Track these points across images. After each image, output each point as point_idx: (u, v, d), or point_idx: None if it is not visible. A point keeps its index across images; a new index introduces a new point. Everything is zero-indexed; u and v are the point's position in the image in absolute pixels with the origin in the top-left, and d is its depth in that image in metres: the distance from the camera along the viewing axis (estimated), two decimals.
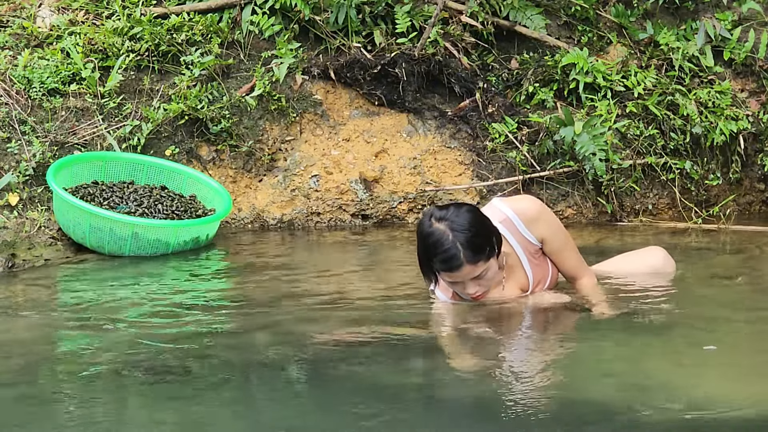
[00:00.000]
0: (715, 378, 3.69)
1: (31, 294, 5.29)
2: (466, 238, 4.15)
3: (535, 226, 4.40)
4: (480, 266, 4.20)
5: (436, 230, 4.18)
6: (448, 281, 4.28)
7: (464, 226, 4.16)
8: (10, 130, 6.51)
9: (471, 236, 4.15)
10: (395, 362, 3.96)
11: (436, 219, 4.20)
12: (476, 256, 4.16)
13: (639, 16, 7.32)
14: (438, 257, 4.18)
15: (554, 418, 3.31)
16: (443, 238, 4.15)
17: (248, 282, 5.50)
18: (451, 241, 4.14)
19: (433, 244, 4.18)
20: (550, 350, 4.15)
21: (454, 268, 4.18)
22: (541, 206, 4.46)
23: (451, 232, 4.15)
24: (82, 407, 3.53)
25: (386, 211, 6.77)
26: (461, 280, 4.24)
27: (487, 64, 7.11)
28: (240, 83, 6.95)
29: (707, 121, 6.84)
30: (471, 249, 4.15)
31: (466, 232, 4.16)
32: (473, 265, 4.18)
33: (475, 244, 4.16)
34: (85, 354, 4.20)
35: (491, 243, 4.21)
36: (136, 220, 6.04)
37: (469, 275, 4.21)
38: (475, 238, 4.16)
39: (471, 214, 4.21)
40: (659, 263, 4.84)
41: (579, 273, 4.53)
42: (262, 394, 3.64)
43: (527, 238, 4.39)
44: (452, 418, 3.35)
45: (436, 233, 4.18)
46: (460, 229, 4.16)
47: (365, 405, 3.48)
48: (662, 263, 4.85)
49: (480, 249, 4.17)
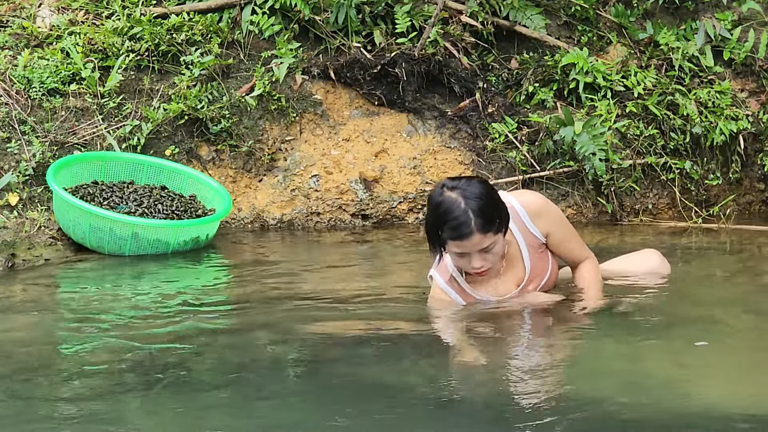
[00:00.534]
0: (714, 377, 3.69)
1: (31, 294, 5.29)
2: (479, 206, 4.11)
3: (539, 220, 4.40)
4: (489, 238, 4.15)
5: (448, 198, 4.14)
6: (454, 252, 4.21)
7: (477, 195, 4.13)
8: (10, 130, 6.51)
9: (483, 205, 4.12)
10: (395, 362, 3.96)
11: (448, 188, 4.16)
12: (487, 226, 4.12)
13: (639, 16, 7.33)
14: (448, 224, 4.12)
15: (554, 418, 3.31)
16: (455, 206, 4.11)
17: (248, 282, 5.50)
18: (462, 208, 4.10)
19: (444, 212, 4.13)
20: (548, 350, 4.15)
21: (464, 236, 4.12)
22: (546, 200, 4.47)
23: (464, 200, 4.11)
24: (82, 407, 3.53)
25: (386, 211, 6.77)
26: (468, 251, 4.17)
27: (487, 64, 7.11)
28: (240, 83, 6.95)
29: (707, 121, 6.84)
30: (482, 218, 4.11)
31: (478, 200, 4.12)
32: (483, 235, 4.13)
33: (486, 214, 4.12)
34: (84, 354, 4.21)
35: (501, 217, 4.19)
36: (136, 220, 6.05)
37: (477, 246, 4.16)
38: (486, 208, 4.12)
39: (483, 185, 4.20)
40: (655, 266, 4.82)
41: (581, 258, 4.54)
42: (261, 394, 3.64)
43: (531, 232, 4.39)
44: (452, 418, 3.35)
45: (447, 201, 4.13)
46: (473, 197, 4.12)
47: (365, 405, 3.48)
48: (658, 266, 4.83)
49: (491, 220, 4.14)
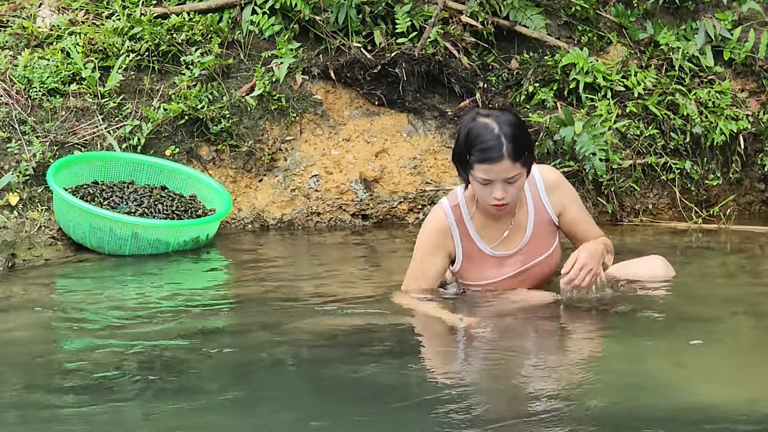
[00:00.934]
0: (715, 378, 3.69)
1: (31, 294, 5.29)
2: (512, 133, 4.15)
3: (554, 195, 4.39)
4: (516, 168, 4.17)
5: (482, 123, 4.18)
6: (480, 179, 4.20)
7: (510, 123, 4.19)
8: (10, 130, 6.51)
9: (516, 133, 4.16)
10: (395, 362, 3.96)
11: (482, 115, 4.21)
12: (517, 153, 4.15)
13: (639, 16, 7.32)
14: (479, 146, 4.14)
15: (553, 418, 3.31)
16: (487, 130, 4.15)
17: (248, 282, 5.50)
18: (495, 133, 4.14)
19: (476, 135, 4.16)
20: (548, 350, 4.15)
21: (494, 159, 4.13)
22: (563, 179, 4.48)
23: (497, 126, 4.15)
24: (82, 407, 3.53)
25: (386, 211, 6.77)
26: (495, 177, 4.17)
27: (487, 64, 7.11)
28: (240, 83, 6.95)
29: (707, 121, 6.84)
30: (514, 144, 4.14)
31: (511, 127, 4.17)
32: (512, 162, 4.15)
33: (518, 142, 4.15)
34: (84, 353, 4.20)
35: (530, 150, 4.22)
36: (136, 220, 6.04)
37: (504, 174, 4.16)
38: (519, 136, 4.17)
39: (517, 117, 4.28)
40: (660, 272, 4.76)
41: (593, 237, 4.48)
42: (261, 394, 3.64)
43: (544, 205, 4.38)
44: (452, 418, 3.35)
45: (480, 125, 4.18)
46: (507, 124, 4.17)
47: (364, 405, 3.48)
48: (663, 272, 4.75)
49: (521, 149, 4.16)
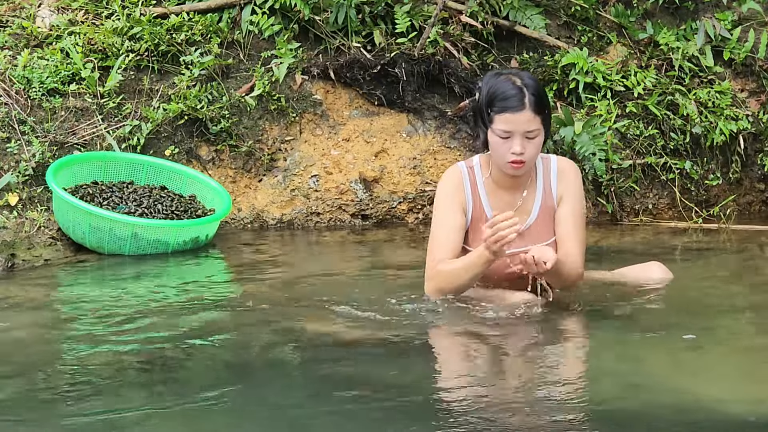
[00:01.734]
0: (715, 378, 3.69)
1: (31, 294, 5.28)
2: (534, 86, 4.25)
3: (561, 181, 4.39)
4: (536, 122, 4.21)
5: (503, 78, 4.27)
6: (501, 131, 4.21)
7: (532, 78, 4.30)
8: (10, 130, 6.51)
9: (537, 88, 4.26)
10: (395, 362, 3.96)
11: (503, 74, 4.32)
12: (538, 105, 4.21)
13: (639, 16, 7.32)
14: (501, 96, 4.21)
15: (553, 418, 3.31)
16: (510, 83, 4.24)
17: (248, 282, 5.50)
18: (518, 85, 4.23)
19: (498, 88, 4.24)
20: (548, 351, 4.15)
21: (516, 108, 4.19)
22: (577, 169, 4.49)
23: (520, 79, 4.25)
24: (82, 407, 3.53)
25: (386, 211, 6.77)
26: (515, 129, 4.20)
27: (487, 64, 7.11)
28: (240, 83, 6.95)
29: (707, 121, 6.84)
30: (536, 97, 4.21)
31: (533, 81, 4.27)
32: (533, 114, 4.20)
33: (540, 95, 4.24)
34: (84, 354, 4.20)
35: (549, 110, 4.29)
36: (136, 220, 6.04)
37: (525, 126, 4.19)
38: (540, 91, 4.26)
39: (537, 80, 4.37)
40: (657, 278, 4.74)
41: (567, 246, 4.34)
42: (261, 394, 3.64)
43: (552, 190, 4.37)
44: (452, 418, 3.35)
45: (502, 80, 4.27)
46: (528, 78, 4.28)
47: (365, 405, 3.48)
48: (660, 278, 4.74)
49: (542, 103, 4.24)
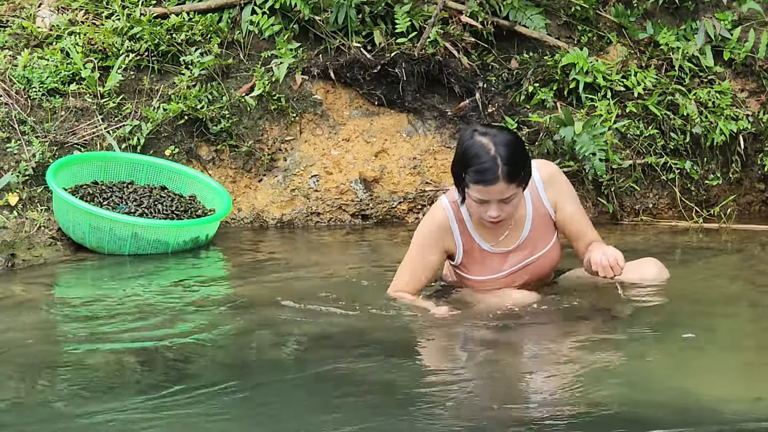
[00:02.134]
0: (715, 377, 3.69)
1: (31, 294, 5.28)
2: (508, 154, 4.14)
3: (550, 189, 4.39)
4: (511, 188, 4.17)
5: (478, 142, 4.17)
6: (475, 198, 4.21)
7: (507, 143, 4.16)
8: (10, 130, 6.51)
9: (512, 154, 4.15)
10: (395, 363, 3.96)
11: (479, 133, 4.20)
12: (512, 175, 4.15)
13: (639, 16, 7.32)
14: (475, 167, 4.14)
15: (553, 419, 3.31)
16: (483, 150, 4.14)
17: (248, 282, 5.50)
18: (491, 155, 4.13)
19: (472, 155, 4.16)
20: (547, 351, 4.15)
21: (489, 181, 4.14)
22: (560, 173, 4.49)
23: (494, 146, 4.14)
24: (82, 407, 3.53)
25: (386, 211, 6.77)
26: (490, 198, 4.18)
27: (487, 64, 7.11)
28: (240, 83, 6.95)
29: (707, 121, 6.84)
30: (510, 166, 4.13)
31: (508, 148, 4.15)
32: (507, 184, 4.15)
33: (514, 164, 4.14)
34: (84, 354, 4.20)
35: (526, 170, 4.22)
36: (136, 220, 6.04)
37: (500, 195, 4.17)
38: (515, 158, 4.15)
39: (514, 136, 4.25)
40: (653, 274, 4.73)
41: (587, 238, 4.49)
42: (261, 394, 3.64)
43: (542, 200, 4.38)
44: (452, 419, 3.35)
45: (477, 144, 4.16)
46: (503, 144, 4.15)
47: (364, 404, 3.48)
48: (657, 274, 4.72)
49: (517, 170, 4.16)
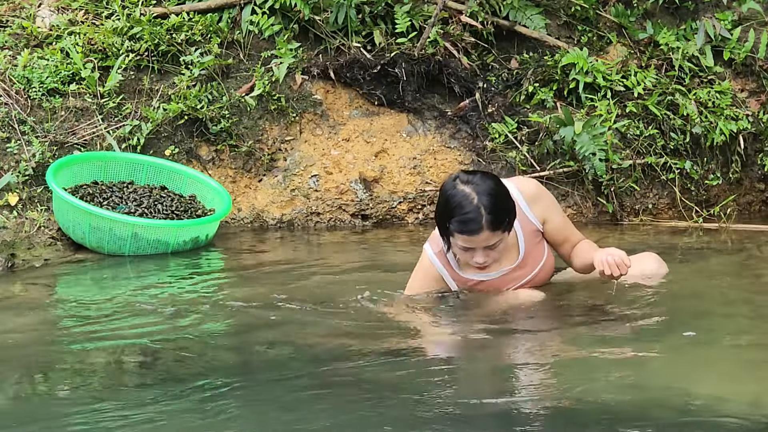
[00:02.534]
0: (715, 377, 3.69)
1: (31, 294, 5.28)
2: (491, 203, 4.13)
3: (536, 206, 4.41)
4: (497, 236, 4.18)
5: (461, 192, 4.15)
6: (460, 245, 4.23)
7: (489, 192, 4.15)
8: (10, 130, 6.51)
9: (495, 203, 4.14)
10: (395, 363, 3.95)
11: (461, 181, 4.17)
12: (496, 224, 4.14)
13: (639, 16, 7.32)
14: (458, 218, 4.14)
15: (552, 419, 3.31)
16: (467, 201, 4.13)
17: (248, 282, 5.50)
18: (474, 205, 4.12)
19: (456, 206, 4.14)
20: (547, 351, 4.14)
21: (473, 231, 4.14)
22: (541, 186, 4.51)
23: (476, 196, 4.13)
24: (82, 407, 3.53)
25: (386, 211, 6.77)
26: (475, 245, 4.19)
27: (487, 64, 7.11)
28: (240, 83, 6.95)
29: (707, 121, 6.84)
30: (493, 215, 4.13)
31: (490, 198, 4.14)
32: (491, 232, 4.15)
33: (497, 213, 4.14)
34: (84, 354, 4.20)
35: (510, 216, 4.21)
36: (136, 220, 6.04)
37: (484, 243, 4.18)
38: (498, 206, 4.15)
39: (496, 183, 4.21)
40: (653, 269, 4.76)
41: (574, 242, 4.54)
42: (260, 394, 3.64)
43: (527, 217, 4.40)
44: (452, 419, 3.35)
45: (460, 194, 4.15)
46: (486, 194, 4.13)
47: (364, 404, 3.48)
48: (656, 269, 4.76)
49: (501, 218, 4.16)
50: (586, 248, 4.50)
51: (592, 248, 4.50)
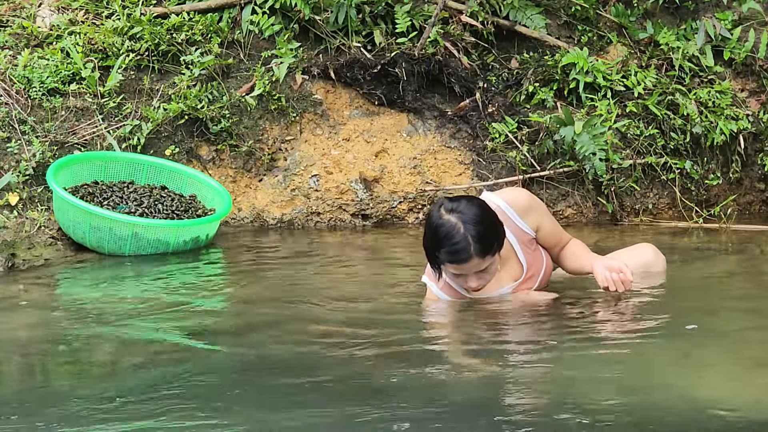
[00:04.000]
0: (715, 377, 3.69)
1: (31, 294, 5.29)
2: (477, 231, 4.14)
3: (528, 216, 4.43)
4: (487, 260, 4.20)
5: (447, 222, 4.16)
6: (452, 273, 4.27)
7: (476, 220, 4.15)
8: (10, 129, 6.51)
9: (482, 230, 4.15)
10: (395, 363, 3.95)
11: (446, 210, 4.18)
12: (485, 251, 4.16)
13: (639, 16, 7.32)
14: (446, 248, 4.16)
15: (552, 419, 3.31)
16: (454, 230, 4.14)
17: (248, 282, 5.50)
18: (462, 234, 4.13)
19: (443, 236, 4.15)
20: (547, 351, 4.14)
21: (463, 260, 4.17)
22: (531, 195, 4.53)
23: (463, 225, 4.14)
24: (81, 407, 3.53)
25: (386, 211, 6.77)
26: (466, 273, 4.23)
27: (487, 63, 7.11)
28: (240, 83, 6.95)
29: (707, 121, 6.84)
30: (481, 243, 4.14)
31: (477, 225, 4.15)
32: (481, 259, 4.18)
33: (485, 239, 4.15)
34: (84, 354, 4.20)
35: (499, 238, 4.23)
36: (136, 220, 6.04)
37: (475, 268, 4.21)
38: (485, 233, 4.16)
39: (482, 209, 4.22)
40: (650, 260, 4.79)
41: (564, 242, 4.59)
42: (260, 394, 3.64)
43: (521, 228, 4.41)
44: (452, 420, 3.35)
45: (446, 225, 4.16)
46: (472, 222, 4.14)
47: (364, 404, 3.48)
48: (652, 259, 4.79)
49: (489, 244, 4.18)
50: (578, 252, 4.56)
51: (585, 252, 4.57)
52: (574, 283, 4.75)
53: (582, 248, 4.59)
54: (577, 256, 4.55)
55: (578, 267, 4.56)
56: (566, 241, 4.60)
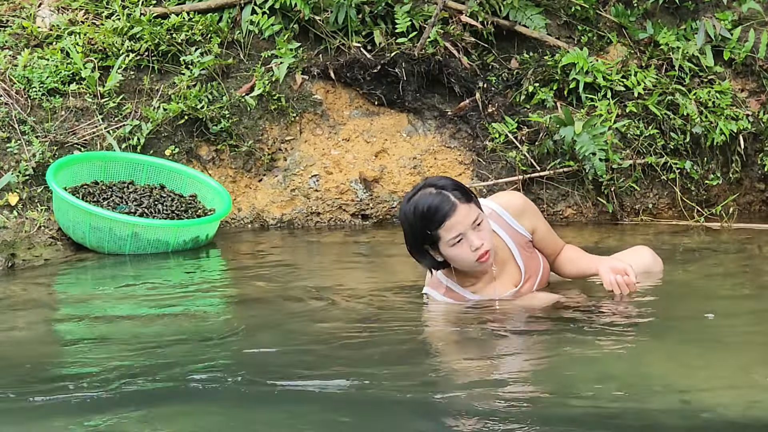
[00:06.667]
0: (714, 377, 3.69)
1: (31, 293, 5.28)
2: (446, 184, 4.18)
3: (523, 218, 4.44)
4: (473, 209, 4.18)
5: (417, 199, 4.18)
6: (450, 240, 4.18)
7: (438, 180, 4.22)
8: (10, 130, 6.51)
9: (450, 182, 4.20)
10: (395, 363, 3.95)
11: (409, 196, 4.22)
12: (466, 196, 4.18)
13: (639, 16, 7.32)
14: (431, 212, 4.13)
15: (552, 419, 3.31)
16: (428, 198, 4.16)
17: (248, 282, 5.50)
18: (435, 193, 4.15)
19: (421, 210, 4.15)
20: (547, 351, 4.14)
21: (450, 212, 4.13)
22: (524, 198, 4.54)
23: (430, 188, 4.17)
24: (81, 407, 3.53)
25: (386, 211, 6.77)
26: (462, 229, 4.16)
27: (487, 64, 7.11)
28: (240, 83, 6.95)
29: (707, 121, 6.84)
30: (458, 190, 4.17)
31: (442, 181, 4.21)
32: (467, 204, 4.16)
33: (459, 187, 4.19)
34: (84, 353, 4.20)
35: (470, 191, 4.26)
36: (136, 220, 6.05)
37: (467, 219, 4.15)
38: (455, 184, 4.21)
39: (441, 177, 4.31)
40: (648, 263, 4.79)
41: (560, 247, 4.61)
42: (260, 395, 3.64)
43: (517, 230, 4.41)
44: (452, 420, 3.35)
45: (419, 199, 4.17)
46: (436, 183, 4.19)
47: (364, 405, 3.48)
48: (650, 263, 4.79)
49: (465, 190, 4.21)
50: (576, 256, 4.59)
51: (583, 254, 4.59)
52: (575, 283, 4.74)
53: (578, 252, 4.61)
54: (577, 260, 4.56)
55: (580, 271, 4.56)
56: (561, 246, 4.62)
